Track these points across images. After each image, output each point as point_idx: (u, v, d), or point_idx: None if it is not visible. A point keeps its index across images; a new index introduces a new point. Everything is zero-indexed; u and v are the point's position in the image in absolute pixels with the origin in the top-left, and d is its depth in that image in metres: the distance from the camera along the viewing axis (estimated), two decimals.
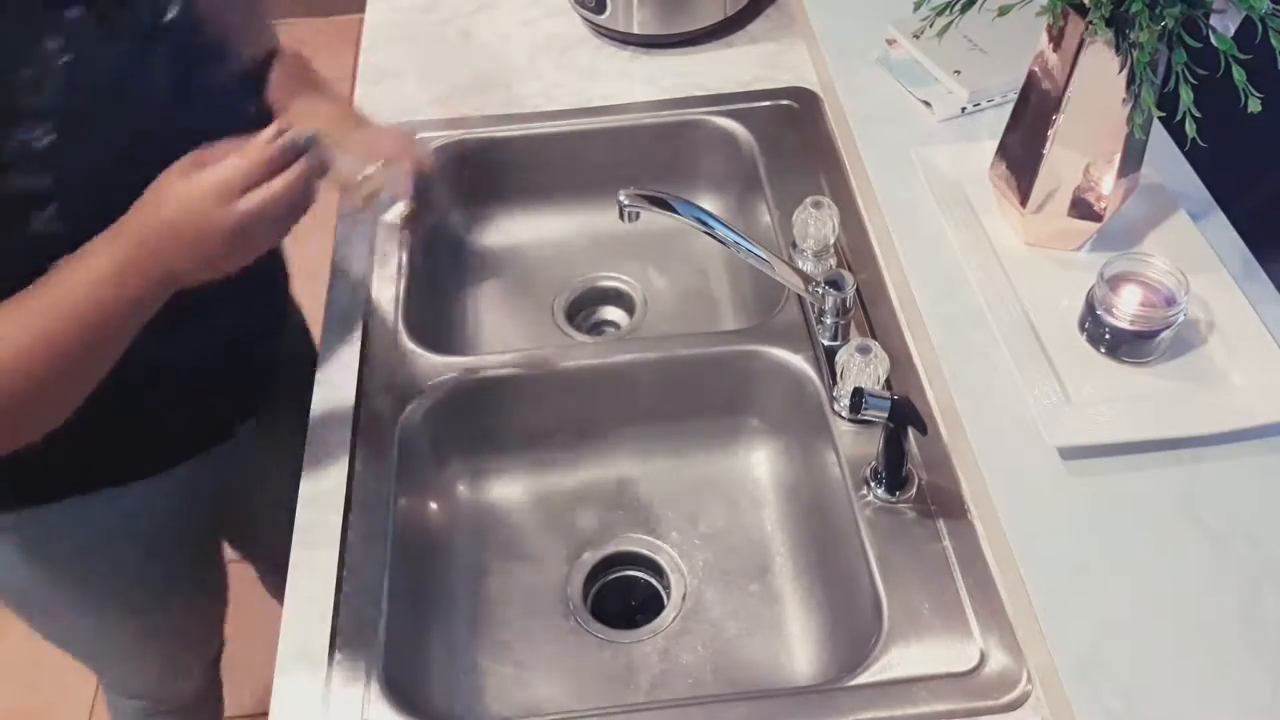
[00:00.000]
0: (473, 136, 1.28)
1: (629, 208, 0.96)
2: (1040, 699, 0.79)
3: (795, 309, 1.07)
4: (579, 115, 1.30)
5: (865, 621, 0.87)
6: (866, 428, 0.96)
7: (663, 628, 1.01)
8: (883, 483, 0.91)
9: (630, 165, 1.29)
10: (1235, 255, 0.99)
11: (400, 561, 0.93)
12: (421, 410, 1.03)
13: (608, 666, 0.98)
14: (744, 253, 0.97)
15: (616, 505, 1.10)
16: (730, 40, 1.39)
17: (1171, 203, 1.03)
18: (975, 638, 0.83)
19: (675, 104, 1.31)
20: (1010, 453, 0.88)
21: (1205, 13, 0.81)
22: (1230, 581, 0.79)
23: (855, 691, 0.81)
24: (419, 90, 1.34)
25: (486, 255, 1.35)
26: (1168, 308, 0.90)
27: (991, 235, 1.03)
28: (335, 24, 3.07)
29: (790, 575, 1.04)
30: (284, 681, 0.84)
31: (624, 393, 1.09)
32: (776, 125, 1.27)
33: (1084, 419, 0.87)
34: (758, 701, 0.83)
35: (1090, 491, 0.85)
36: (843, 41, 1.27)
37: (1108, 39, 0.85)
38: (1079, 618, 0.78)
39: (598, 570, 1.06)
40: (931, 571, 0.87)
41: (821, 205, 1.07)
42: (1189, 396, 0.89)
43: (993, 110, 1.17)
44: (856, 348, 0.94)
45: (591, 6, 1.35)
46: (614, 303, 1.31)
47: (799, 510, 1.07)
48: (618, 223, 0.97)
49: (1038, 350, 0.93)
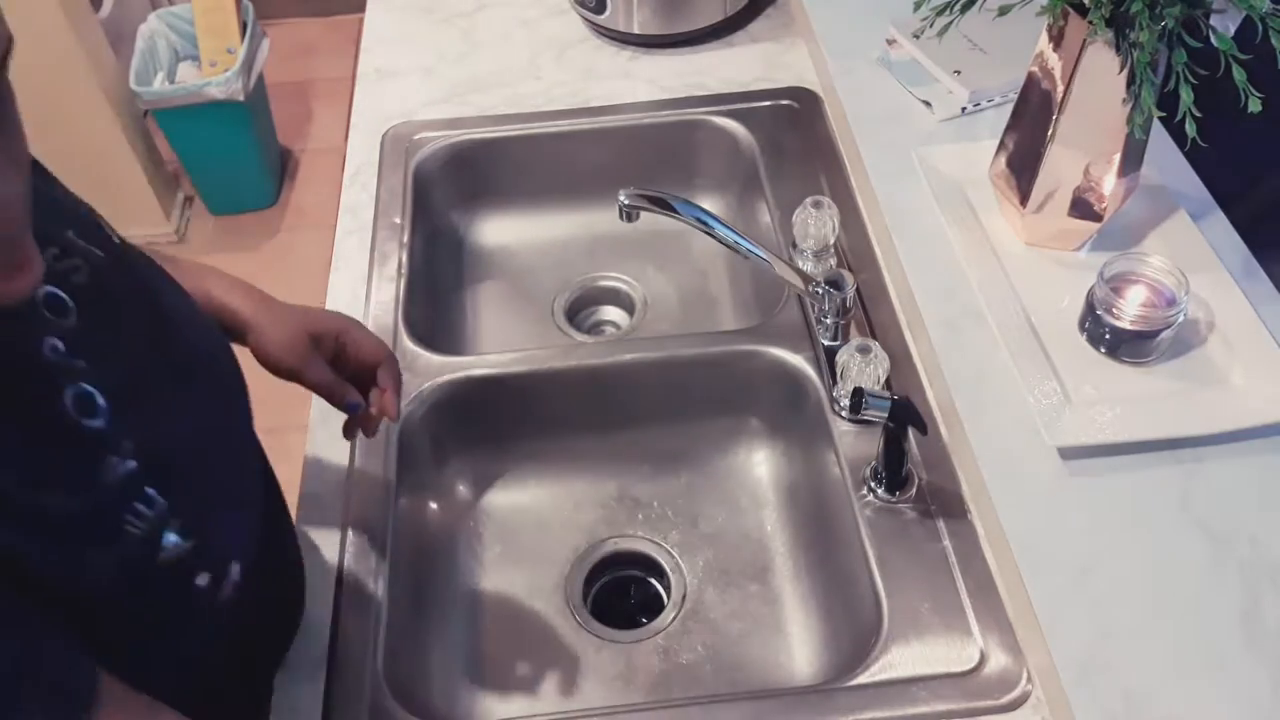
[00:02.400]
0: (473, 136, 1.28)
1: (629, 208, 0.96)
2: (1040, 699, 0.79)
3: (795, 309, 1.07)
4: (579, 115, 1.30)
5: (865, 621, 0.87)
6: (866, 428, 0.96)
7: (663, 628, 1.01)
8: (883, 483, 0.91)
9: (630, 165, 1.30)
10: (1235, 255, 0.99)
11: (400, 562, 0.93)
12: (421, 410, 1.03)
13: (608, 666, 0.98)
14: (744, 253, 0.97)
15: (616, 505, 1.10)
16: (730, 40, 1.39)
17: (1171, 203, 1.03)
18: (975, 638, 0.83)
19: (675, 104, 1.31)
20: (1010, 453, 0.88)
21: (1205, 13, 0.81)
22: (1230, 581, 0.79)
23: (855, 691, 0.81)
24: (419, 90, 1.34)
25: (486, 255, 1.35)
26: (1168, 308, 0.90)
27: (991, 235, 1.03)
28: (335, 24, 3.07)
29: (790, 575, 1.04)
30: (285, 681, 0.84)
31: (624, 393, 1.09)
32: (776, 125, 1.27)
33: (1084, 419, 0.87)
34: (758, 701, 0.83)
35: (1090, 491, 0.85)
36: (843, 41, 1.27)
37: (1108, 39, 0.85)
38: (1079, 618, 0.78)
39: (598, 570, 1.06)
40: (931, 571, 0.87)
41: (821, 205, 1.07)
42: (1189, 396, 0.89)
43: (993, 110, 1.17)
44: (856, 348, 0.94)
45: (591, 6, 1.35)
46: (614, 303, 1.31)
47: (799, 510, 1.07)
48: (617, 223, 0.97)
49: (1038, 350, 0.93)
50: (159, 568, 0.61)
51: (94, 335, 0.61)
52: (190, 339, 0.71)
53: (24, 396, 0.57)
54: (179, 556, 0.62)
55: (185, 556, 0.62)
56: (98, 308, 0.62)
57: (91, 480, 0.58)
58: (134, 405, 0.62)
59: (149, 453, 0.61)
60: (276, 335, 0.83)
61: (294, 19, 3.08)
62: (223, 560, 0.67)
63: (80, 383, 0.59)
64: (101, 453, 0.59)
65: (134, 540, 0.59)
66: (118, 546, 0.59)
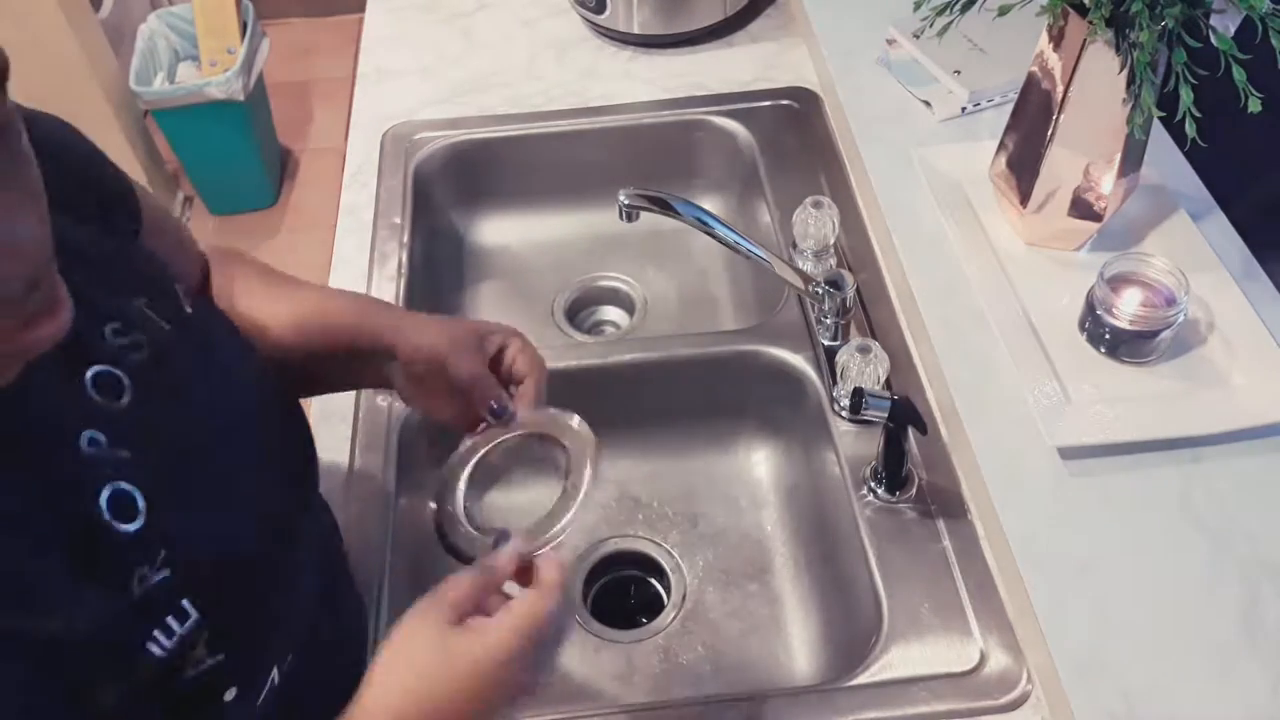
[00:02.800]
0: (473, 136, 1.28)
1: (629, 208, 0.96)
2: (1040, 699, 0.79)
3: (795, 309, 1.07)
4: (579, 115, 1.30)
5: (865, 621, 0.87)
6: (866, 428, 0.96)
7: (663, 628, 1.01)
8: (883, 483, 0.91)
9: (630, 165, 1.29)
10: (1235, 255, 0.99)
11: (400, 562, 0.93)
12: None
13: (608, 666, 0.98)
14: (744, 253, 0.97)
15: (616, 505, 1.10)
16: (730, 40, 1.39)
17: (1171, 203, 1.03)
18: (975, 638, 0.83)
19: (675, 104, 1.31)
20: (1010, 453, 0.88)
21: (1205, 13, 0.81)
22: (1230, 581, 0.79)
23: (855, 691, 0.81)
24: (419, 90, 1.34)
25: (486, 255, 1.35)
26: (1168, 308, 0.90)
27: (991, 235, 1.03)
28: (335, 24, 3.07)
29: (790, 575, 1.04)
30: None
31: (624, 393, 1.09)
32: (776, 125, 1.27)
33: (1084, 419, 0.87)
34: (758, 701, 0.83)
35: (1090, 491, 0.85)
36: (843, 41, 1.27)
37: (1108, 39, 0.85)
38: (1079, 618, 0.78)
39: (598, 570, 1.06)
40: (931, 571, 0.87)
41: (821, 205, 1.07)
42: (1189, 396, 0.89)
43: (993, 110, 1.17)
44: (856, 348, 0.94)
45: (591, 6, 1.35)
46: (614, 303, 1.31)
47: (799, 510, 1.07)
48: (617, 223, 0.97)
49: (1038, 350, 0.93)
50: (180, 685, 0.54)
51: (144, 422, 0.56)
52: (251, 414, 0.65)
53: (52, 497, 0.51)
54: (207, 672, 0.54)
55: (213, 672, 0.55)
56: (153, 390, 0.57)
57: (115, 596, 0.51)
58: (178, 504, 0.56)
59: (188, 560, 0.55)
60: (429, 326, 0.77)
61: (294, 19, 3.08)
62: (261, 670, 0.60)
63: (120, 480, 0.53)
64: (132, 563, 0.52)
65: (154, 662, 0.52)
66: (134, 674, 0.51)
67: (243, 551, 0.61)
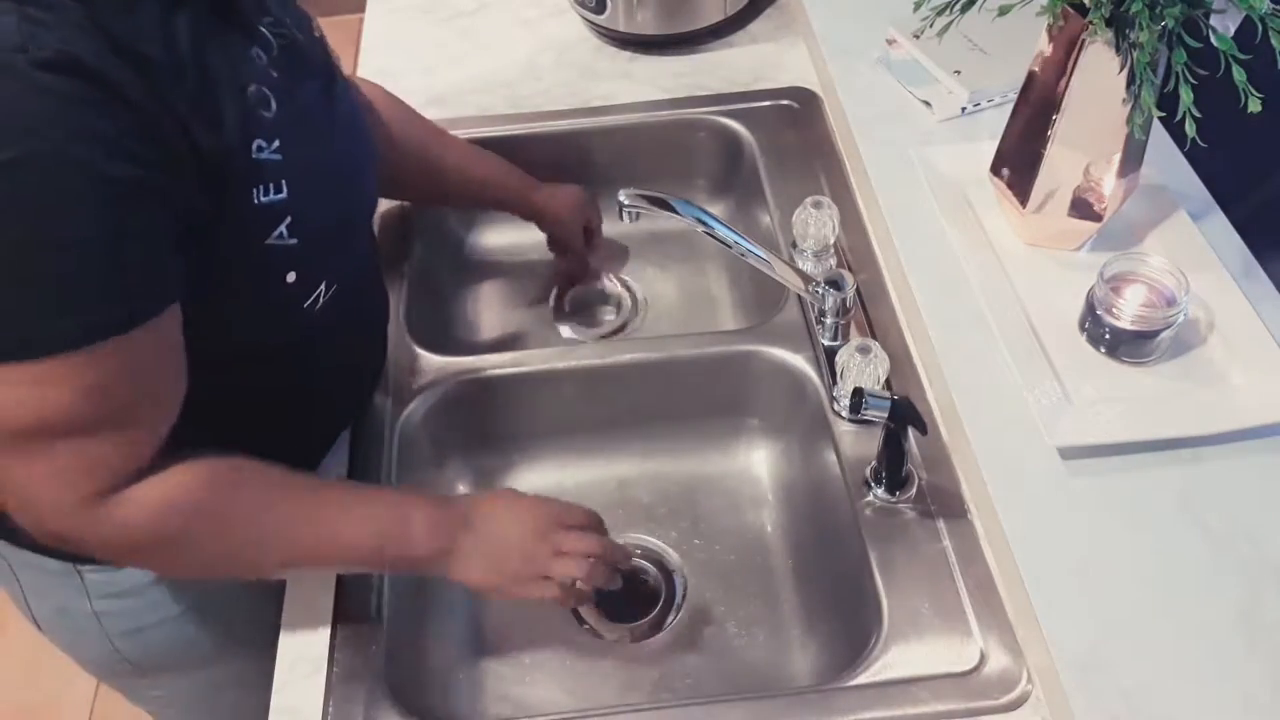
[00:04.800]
0: (473, 136, 1.28)
1: (629, 208, 0.96)
2: (1040, 699, 0.79)
3: (795, 309, 1.07)
4: (579, 115, 1.30)
5: (865, 621, 0.87)
6: (866, 428, 0.96)
7: (663, 627, 1.01)
8: (883, 483, 0.91)
9: (630, 165, 1.30)
10: (1235, 255, 0.99)
11: None
12: (421, 410, 1.03)
13: (608, 666, 0.98)
14: (744, 253, 0.97)
15: (616, 505, 1.10)
16: (730, 40, 1.39)
17: (1171, 203, 1.03)
18: (975, 638, 0.83)
19: (675, 104, 1.31)
20: (1010, 453, 0.88)
21: (1205, 13, 0.81)
22: (1230, 581, 0.79)
23: (855, 691, 0.81)
24: (419, 90, 1.34)
25: (486, 255, 1.35)
26: (1168, 308, 0.90)
27: (991, 235, 1.03)
28: (335, 24, 3.05)
29: (790, 575, 1.04)
30: (285, 683, 0.84)
31: (624, 393, 1.09)
32: (776, 125, 1.27)
33: (1084, 419, 0.88)
34: (758, 701, 0.83)
35: (1090, 491, 0.85)
36: (843, 41, 1.27)
37: (1108, 39, 0.85)
38: (1079, 618, 0.78)
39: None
40: (931, 571, 0.87)
41: (821, 205, 1.07)
42: (1189, 396, 0.89)
43: (993, 110, 1.17)
44: (856, 348, 0.94)
45: (591, 6, 1.35)
46: (614, 303, 1.31)
47: (799, 510, 1.07)
48: (618, 223, 0.97)
49: (1038, 350, 0.93)
50: (262, 250, 0.74)
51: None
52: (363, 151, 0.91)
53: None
54: (281, 250, 0.75)
55: (285, 251, 0.75)
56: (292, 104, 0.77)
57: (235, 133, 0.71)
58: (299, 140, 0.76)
59: (294, 177, 0.74)
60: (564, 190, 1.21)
61: None
62: (314, 274, 0.79)
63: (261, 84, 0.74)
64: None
65: (252, 211, 0.72)
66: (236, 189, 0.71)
67: (337, 188, 0.83)
